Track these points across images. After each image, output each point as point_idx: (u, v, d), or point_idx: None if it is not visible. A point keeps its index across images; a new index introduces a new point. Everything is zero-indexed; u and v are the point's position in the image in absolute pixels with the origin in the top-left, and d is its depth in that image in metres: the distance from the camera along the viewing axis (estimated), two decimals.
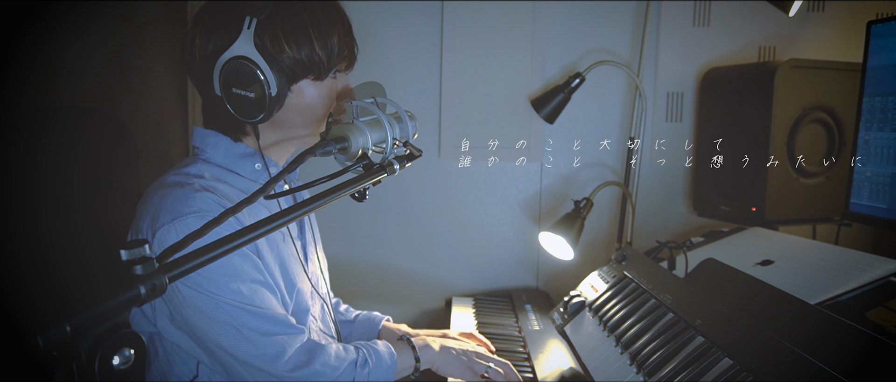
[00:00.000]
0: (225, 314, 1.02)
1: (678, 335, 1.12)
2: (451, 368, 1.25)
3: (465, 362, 1.25)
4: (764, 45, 1.83)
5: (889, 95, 1.25)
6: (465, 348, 1.28)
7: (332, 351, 1.12)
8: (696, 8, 1.85)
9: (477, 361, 1.25)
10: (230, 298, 1.02)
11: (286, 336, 1.07)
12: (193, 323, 1.04)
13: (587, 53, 1.91)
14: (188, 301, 1.02)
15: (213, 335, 1.03)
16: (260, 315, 1.05)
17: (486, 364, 1.25)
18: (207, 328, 1.03)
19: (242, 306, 1.03)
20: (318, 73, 1.09)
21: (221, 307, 1.02)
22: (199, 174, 1.09)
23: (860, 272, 1.20)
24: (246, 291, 1.04)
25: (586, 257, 1.92)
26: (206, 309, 1.02)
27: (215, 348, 1.05)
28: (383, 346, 1.19)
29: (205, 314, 1.02)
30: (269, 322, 1.05)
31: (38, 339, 0.50)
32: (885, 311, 1.14)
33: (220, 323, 1.02)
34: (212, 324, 1.03)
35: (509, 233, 2.01)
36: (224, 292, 1.02)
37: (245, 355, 1.04)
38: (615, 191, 1.94)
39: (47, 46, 1.48)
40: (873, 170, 1.29)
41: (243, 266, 1.06)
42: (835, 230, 1.62)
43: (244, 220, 1.07)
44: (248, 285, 1.05)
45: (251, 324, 1.03)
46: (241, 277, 1.05)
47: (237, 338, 1.03)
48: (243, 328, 1.03)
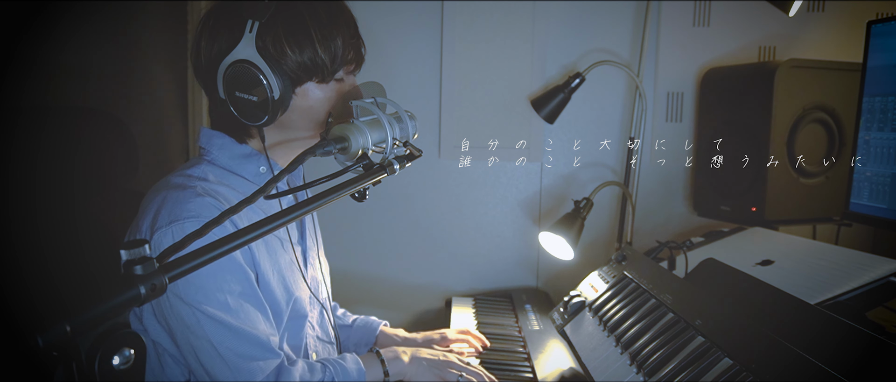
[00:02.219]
0: (205, 329, 1.02)
1: (678, 335, 1.12)
2: (422, 377, 1.23)
3: (436, 372, 1.23)
4: (764, 45, 1.83)
5: (889, 95, 1.25)
6: (437, 357, 1.26)
7: (297, 374, 1.09)
8: (696, 8, 1.85)
9: (449, 371, 1.23)
10: (214, 311, 1.02)
11: (262, 362, 1.06)
12: (176, 331, 1.04)
13: (587, 53, 1.91)
14: (174, 310, 1.02)
15: (193, 347, 1.03)
16: (240, 334, 1.04)
17: (458, 373, 1.23)
18: (187, 340, 1.03)
19: (224, 321, 1.02)
20: (323, 75, 1.08)
21: (202, 323, 1.01)
22: (202, 176, 1.09)
23: (860, 272, 1.20)
24: (232, 304, 1.04)
25: (586, 257, 1.91)
26: (188, 321, 1.02)
27: (192, 359, 1.05)
28: (352, 361, 1.18)
29: (187, 326, 1.02)
30: (249, 344, 1.04)
31: (38, 339, 0.50)
32: (885, 311, 1.14)
33: (200, 338, 1.02)
34: (192, 338, 1.02)
35: (509, 233, 2.01)
36: (210, 302, 1.02)
37: (220, 374, 1.03)
38: (615, 191, 1.94)
39: (47, 46, 1.48)
40: (873, 170, 1.29)
41: (232, 278, 1.05)
42: (835, 230, 1.62)
43: (239, 223, 1.06)
44: (235, 298, 1.04)
45: (229, 344, 1.03)
46: (229, 289, 1.04)
47: (214, 356, 1.03)
48: (221, 347, 1.02)
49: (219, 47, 1.05)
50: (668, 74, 1.88)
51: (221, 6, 1.08)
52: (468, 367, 1.26)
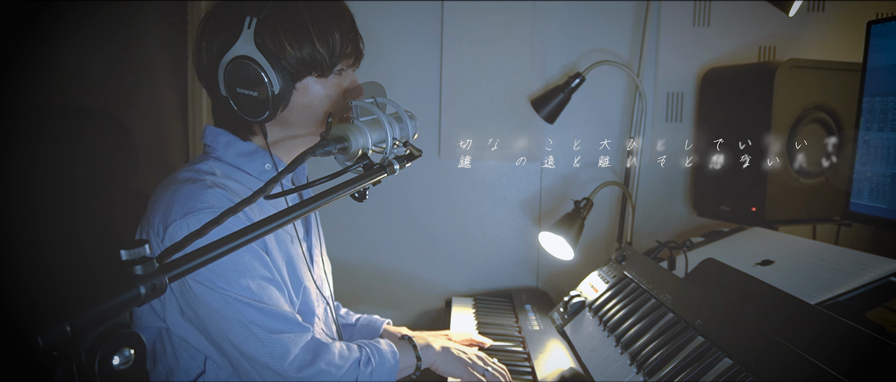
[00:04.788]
0: (234, 311, 1.03)
1: (678, 335, 1.12)
2: (452, 368, 1.26)
3: (466, 362, 1.26)
4: (764, 45, 1.83)
5: (889, 95, 1.25)
6: (464, 349, 1.30)
7: (335, 350, 1.12)
8: (696, 8, 1.85)
9: (477, 363, 1.27)
10: (239, 294, 1.03)
11: (293, 334, 1.08)
12: (205, 319, 1.05)
13: (587, 52, 1.91)
14: (199, 298, 1.04)
15: (224, 331, 1.04)
16: (268, 313, 1.05)
17: (485, 367, 1.27)
18: (218, 324, 1.04)
19: (251, 303, 1.04)
20: (322, 70, 1.09)
21: (231, 304, 1.03)
22: (210, 171, 1.10)
23: (860, 272, 1.20)
24: (255, 287, 1.05)
25: (586, 257, 1.91)
26: (216, 306, 1.03)
27: (225, 343, 1.06)
28: (386, 345, 1.20)
29: (215, 311, 1.03)
30: (277, 320, 1.06)
31: (38, 339, 0.50)
32: (885, 311, 1.14)
33: (230, 320, 1.03)
34: (222, 321, 1.04)
35: (509, 233, 2.01)
36: (234, 288, 1.03)
37: (254, 352, 1.05)
38: (615, 191, 1.94)
39: (47, 46, 1.48)
40: (873, 170, 1.28)
41: (252, 263, 1.06)
42: (835, 230, 1.62)
43: (253, 217, 1.08)
44: (257, 281, 1.06)
45: (260, 322, 1.04)
46: (251, 273, 1.06)
47: (246, 335, 1.04)
48: (252, 326, 1.04)
49: (219, 46, 1.07)
50: (668, 74, 1.89)
51: (221, 6, 1.10)
52: (494, 364, 1.30)
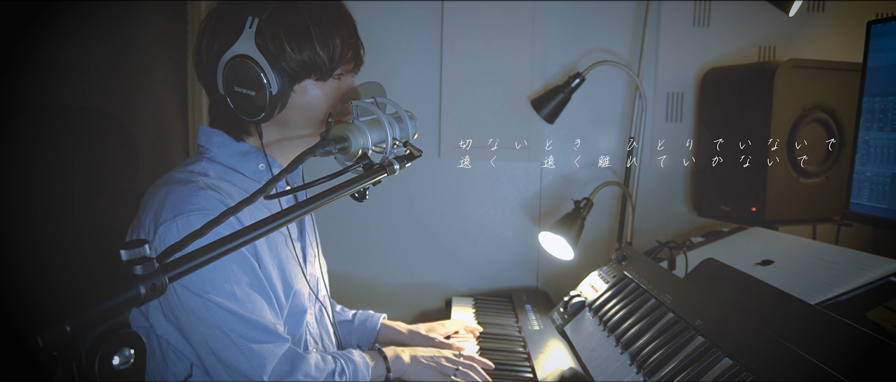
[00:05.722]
0: (215, 318, 1.03)
1: (678, 335, 1.12)
2: (423, 375, 1.28)
3: (434, 367, 1.28)
4: (764, 45, 1.83)
5: (889, 95, 1.25)
6: (433, 355, 1.31)
7: (312, 361, 1.12)
8: (696, 8, 1.85)
9: (446, 365, 1.29)
10: (223, 300, 1.03)
11: (272, 345, 1.07)
12: (184, 323, 1.05)
13: (587, 53, 1.91)
14: (182, 301, 1.03)
15: (203, 336, 1.04)
16: (249, 323, 1.05)
17: (455, 367, 1.29)
18: (198, 329, 1.04)
19: (234, 310, 1.04)
20: (321, 74, 1.09)
21: (212, 311, 1.02)
22: (203, 172, 1.10)
23: (860, 272, 1.20)
24: (239, 294, 1.05)
25: (586, 257, 1.91)
26: (198, 311, 1.03)
27: (203, 349, 1.05)
28: (359, 356, 1.21)
29: (196, 316, 1.03)
30: (257, 330, 1.06)
31: (38, 339, 0.50)
32: (885, 311, 1.14)
33: (211, 327, 1.03)
34: (202, 327, 1.03)
35: (509, 233, 2.01)
36: (218, 293, 1.03)
37: (233, 360, 1.04)
38: (615, 191, 1.94)
39: (47, 46, 1.48)
40: (873, 170, 1.29)
41: (239, 269, 1.06)
42: (835, 230, 1.62)
43: (244, 220, 1.07)
44: (242, 288, 1.06)
45: (240, 330, 1.04)
46: (236, 279, 1.05)
47: (226, 343, 1.04)
48: (232, 334, 1.04)
49: (219, 44, 1.07)
50: (668, 74, 1.89)
51: (223, 6, 1.10)
52: (461, 360, 1.31)
